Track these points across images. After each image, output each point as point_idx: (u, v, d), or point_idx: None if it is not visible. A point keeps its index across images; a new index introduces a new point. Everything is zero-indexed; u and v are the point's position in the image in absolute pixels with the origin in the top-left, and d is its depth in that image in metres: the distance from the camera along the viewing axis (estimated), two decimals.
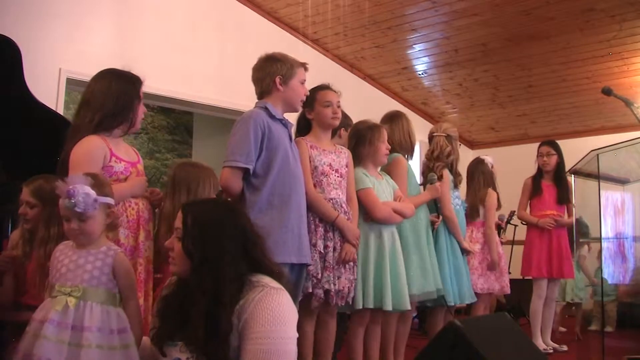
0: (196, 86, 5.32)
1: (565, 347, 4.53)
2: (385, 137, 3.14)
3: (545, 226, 4.44)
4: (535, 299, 4.48)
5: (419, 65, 6.56)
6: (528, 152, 5.10)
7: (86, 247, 1.92)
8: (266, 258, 1.81)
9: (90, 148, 2.30)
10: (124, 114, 2.42)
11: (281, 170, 2.52)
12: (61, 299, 1.81)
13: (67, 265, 1.88)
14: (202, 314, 1.63)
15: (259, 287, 1.69)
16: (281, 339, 1.64)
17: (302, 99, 2.68)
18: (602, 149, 3.69)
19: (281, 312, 1.66)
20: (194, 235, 1.72)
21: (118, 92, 2.41)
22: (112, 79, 2.45)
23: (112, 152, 2.36)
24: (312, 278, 2.67)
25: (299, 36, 6.03)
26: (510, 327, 2.44)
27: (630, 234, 4.29)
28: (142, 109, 2.52)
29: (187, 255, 1.72)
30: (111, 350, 1.80)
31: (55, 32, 4.53)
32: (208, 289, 1.66)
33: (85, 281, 1.86)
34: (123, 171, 2.38)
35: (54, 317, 1.78)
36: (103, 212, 1.94)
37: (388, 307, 2.88)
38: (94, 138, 2.33)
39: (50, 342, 1.74)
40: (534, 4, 5.12)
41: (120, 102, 2.41)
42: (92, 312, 1.82)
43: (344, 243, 2.77)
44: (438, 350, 2.14)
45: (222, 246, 1.71)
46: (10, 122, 3.36)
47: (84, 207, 1.85)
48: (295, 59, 2.68)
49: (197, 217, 1.75)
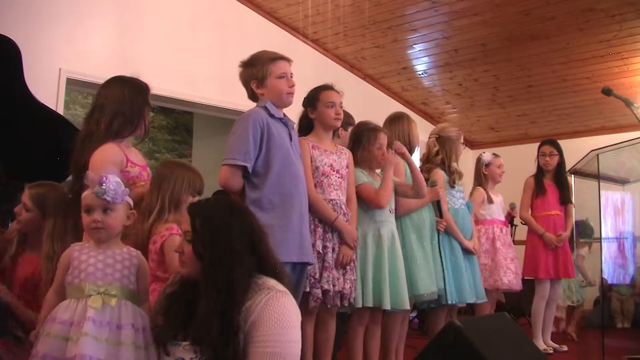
0: (196, 86, 5.32)
1: (565, 347, 4.52)
2: (381, 142, 3.09)
3: (549, 244, 4.40)
4: (538, 300, 4.46)
5: (419, 65, 6.56)
6: (528, 152, 5.10)
7: (111, 248, 1.93)
8: (271, 254, 1.84)
9: (110, 155, 2.39)
10: (137, 120, 2.52)
11: (282, 169, 2.51)
12: (97, 298, 1.82)
13: (94, 264, 1.88)
14: (215, 313, 1.65)
15: (265, 289, 1.72)
16: (287, 343, 1.66)
17: (286, 92, 2.60)
18: (602, 149, 3.70)
19: (287, 316, 1.68)
20: (204, 238, 1.74)
21: (131, 99, 2.50)
22: (125, 86, 2.53)
23: (127, 157, 2.45)
24: (310, 278, 2.67)
25: (299, 36, 6.03)
26: (510, 327, 2.45)
27: (630, 234, 4.29)
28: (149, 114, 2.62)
29: (197, 258, 1.74)
30: (138, 349, 1.83)
31: (55, 32, 4.53)
32: (221, 288, 1.68)
33: (117, 280, 1.88)
34: (138, 175, 2.47)
35: (94, 316, 1.78)
36: (126, 210, 1.97)
37: (387, 306, 2.88)
38: (112, 146, 2.42)
39: (94, 340, 1.75)
40: (534, 4, 5.12)
41: (133, 109, 2.50)
42: (127, 310, 1.85)
43: (341, 245, 2.78)
44: (438, 350, 2.14)
45: (232, 246, 1.73)
46: (10, 122, 3.36)
47: (113, 194, 1.88)
48: (270, 55, 2.61)
49: (205, 220, 1.77)
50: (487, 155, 4.36)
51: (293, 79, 2.65)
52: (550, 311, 4.52)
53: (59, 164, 2.76)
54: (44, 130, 3.51)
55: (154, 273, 2.21)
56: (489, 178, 4.32)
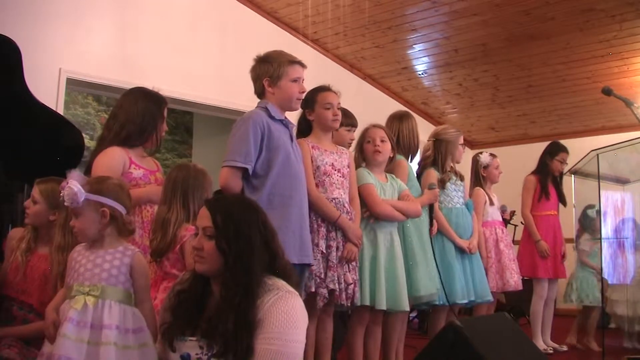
0: (196, 86, 5.32)
1: (565, 347, 4.52)
2: (371, 136, 3.11)
3: (541, 253, 4.40)
4: (537, 300, 4.46)
5: (419, 65, 6.56)
6: (528, 152, 5.10)
7: (104, 247, 1.94)
8: (281, 252, 1.86)
9: (111, 158, 2.49)
10: (148, 132, 2.61)
11: (282, 171, 2.51)
12: (80, 299, 1.83)
13: (84, 265, 1.90)
14: (232, 306, 1.67)
15: (274, 289, 1.73)
16: (292, 342, 1.67)
17: (296, 97, 2.62)
18: (602, 149, 3.70)
19: (294, 316, 1.70)
20: (227, 234, 1.75)
21: (144, 111, 2.60)
22: (139, 97, 2.64)
23: (131, 160, 2.54)
24: (315, 277, 2.67)
25: (299, 36, 6.04)
26: (510, 327, 2.45)
27: (630, 234, 4.29)
28: (164, 127, 2.70)
29: (220, 253, 1.74)
30: (125, 349, 1.82)
31: (55, 32, 4.53)
32: (240, 282, 1.70)
33: (104, 280, 1.88)
34: (142, 177, 2.54)
35: (73, 316, 1.79)
36: (94, 210, 1.94)
37: (381, 306, 2.88)
38: (115, 149, 2.52)
39: (70, 341, 1.75)
40: (534, 4, 5.12)
41: (145, 120, 2.59)
42: (110, 310, 1.84)
43: (345, 243, 2.78)
44: (438, 350, 2.14)
45: (252, 241, 1.76)
46: (10, 122, 3.36)
47: (70, 199, 1.90)
48: (288, 57, 2.63)
49: (227, 216, 1.78)
50: (484, 156, 4.31)
51: (304, 85, 2.67)
52: (549, 311, 4.52)
53: (59, 164, 2.77)
54: (44, 130, 3.51)
55: (169, 271, 2.23)
56: (487, 179, 4.31)
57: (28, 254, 2.38)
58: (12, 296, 2.35)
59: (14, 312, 2.33)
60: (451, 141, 3.71)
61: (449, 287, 3.41)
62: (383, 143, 3.11)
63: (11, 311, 2.33)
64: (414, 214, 3.15)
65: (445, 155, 3.68)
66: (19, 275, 2.34)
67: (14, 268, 2.36)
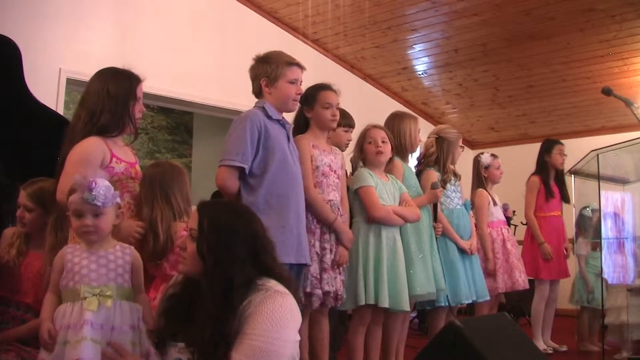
0: (196, 86, 5.32)
1: (565, 347, 4.52)
2: (373, 137, 3.11)
3: (544, 255, 4.39)
4: (538, 300, 4.46)
5: (419, 65, 6.56)
6: (528, 152, 5.09)
7: (103, 247, 1.92)
8: (276, 264, 1.82)
9: (89, 149, 2.23)
10: (119, 115, 2.31)
11: (278, 170, 2.51)
12: (93, 300, 1.80)
13: (87, 266, 1.86)
14: (210, 316, 1.64)
15: (263, 290, 1.71)
16: (276, 340, 1.64)
17: (292, 99, 2.63)
18: (602, 149, 3.70)
19: (281, 315, 1.66)
20: (209, 239, 1.73)
21: (113, 93, 2.30)
22: (108, 79, 2.35)
23: (112, 153, 2.29)
24: (312, 279, 2.67)
25: (299, 36, 6.04)
26: (510, 327, 2.45)
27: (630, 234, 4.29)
28: (139, 108, 2.40)
29: (200, 257, 1.73)
30: (134, 346, 1.84)
31: (55, 32, 4.54)
32: (218, 292, 1.67)
33: (112, 280, 1.87)
34: (124, 172, 2.33)
35: (91, 318, 1.77)
36: (115, 210, 1.95)
37: (384, 303, 2.88)
38: (94, 139, 2.26)
39: (92, 344, 1.74)
40: (534, 4, 5.12)
41: (113, 102, 2.30)
42: (123, 311, 1.85)
43: (338, 246, 2.78)
44: (438, 350, 2.14)
45: (235, 252, 1.72)
46: (10, 122, 3.36)
47: (103, 200, 1.85)
48: (286, 58, 2.63)
49: (213, 221, 1.76)
50: (486, 156, 4.31)
51: (301, 87, 2.66)
52: (550, 311, 4.52)
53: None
54: (44, 130, 3.51)
55: (168, 273, 2.20)
56: (489, 180, 4.31)
57: (21, 257, 2.39)
58: (7, 297, 2.35)
59: (11, 312, 2.33)
60: (452, 141, 3.71)
61: (453, 287, 3.42)
62: (384, 144, 3.11)
63: (8, 312, 2.33)
64: (414, 219, 3.15)
65: (447, 155, 3.68)
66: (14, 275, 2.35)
67: (7, 269, 2.36)
